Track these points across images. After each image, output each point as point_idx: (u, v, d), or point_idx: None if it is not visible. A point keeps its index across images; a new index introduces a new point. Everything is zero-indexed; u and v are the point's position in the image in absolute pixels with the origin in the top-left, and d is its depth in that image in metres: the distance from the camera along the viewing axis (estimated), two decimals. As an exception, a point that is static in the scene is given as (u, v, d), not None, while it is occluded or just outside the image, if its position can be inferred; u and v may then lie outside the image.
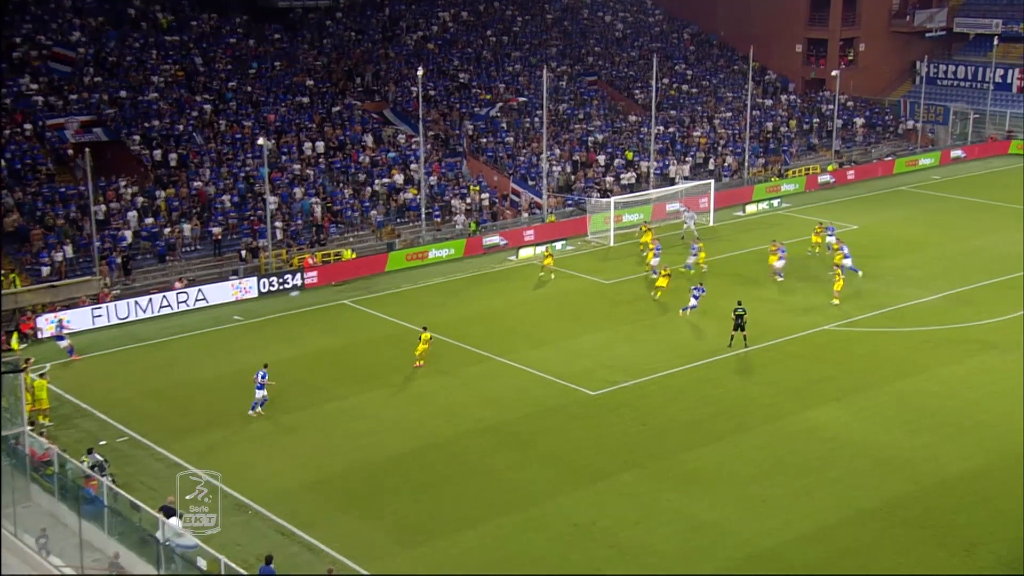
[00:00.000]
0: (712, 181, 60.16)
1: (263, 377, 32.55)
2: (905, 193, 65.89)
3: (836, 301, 42.64)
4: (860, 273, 45.97)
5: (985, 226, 55.43)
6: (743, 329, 37.54)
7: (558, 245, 52.15)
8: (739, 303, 38.31)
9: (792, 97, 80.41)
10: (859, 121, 78.02)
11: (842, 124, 76.95)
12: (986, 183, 68.10)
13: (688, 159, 66.94)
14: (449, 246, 51.80)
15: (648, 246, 48.41)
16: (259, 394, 32.52)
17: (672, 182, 63.67)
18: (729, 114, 75.43)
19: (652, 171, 62.29)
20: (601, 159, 64.18)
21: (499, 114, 58.76)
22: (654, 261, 46.99)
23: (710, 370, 36.25)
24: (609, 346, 38.84)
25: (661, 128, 69.77)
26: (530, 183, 59.66)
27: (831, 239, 50.05)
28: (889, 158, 73.18)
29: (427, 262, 50.26)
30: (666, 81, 77.39)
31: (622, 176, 62.79)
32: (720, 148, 69.62)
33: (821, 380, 35.26)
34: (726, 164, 67.76)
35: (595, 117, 70.32)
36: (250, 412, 32.50)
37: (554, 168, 61.36)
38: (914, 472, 28.84)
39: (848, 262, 45.38)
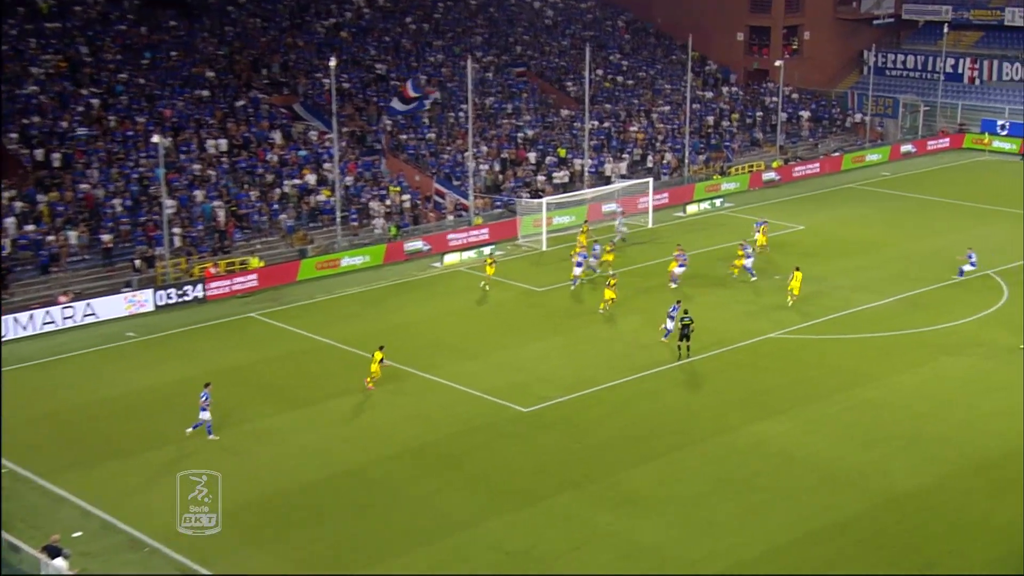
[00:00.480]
0: (651, 180, 60.88)
1: (205, 399, 32.18)
2: (854, 191, 67.47)
3: (792, 301, 43.80)
4: (754, 278, 47.09)
5: (939, 226, 57.03)
6: (688, 339, 38.16)
7: (487, 250, 52.21)
8: (686, 312, 38.96)
9: (734, 89, 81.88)
10: (805, 114, 79.73)
11: (787, 118, 78.53)
12: (938, 179, 70.08)
13: (625, 156, 67.65)
14: (366, 252, 51.62)
15: (573, 254, 48.41)
16: (203, 416, 32.12)
17: (608, 181, 64.23)
18: (668, 107, 76.46)
19: (586, 169, 62.80)
20: (532, 157, 64.51)
21: (403, 104, 58.47)
22: (576, 270, 47.30)
23: (652, 382, 36.59)
24: (543, 358, 38.97)
25: (596, 123, 70.40)
26: (455, 183, 59.69)
27: (750, 242, 50.79)
28: (837, 153, 74.90)
29: (341, 270, 49.98)
30: (600, 72, 78.19)
31: (554, 175, 63.19)
32: (658, 144, 70.48)
33: (768, 391, 35.85)
34: (665, 161, 68.63)
35: (524, 111, 70.67)
36: (209, 436, 32.19)
37: (481, 167, 61.47)
38: (867, 488, 29.40)
39: (749, 263, 47.02)
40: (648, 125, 73.11)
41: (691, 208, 62.53)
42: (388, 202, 56.24)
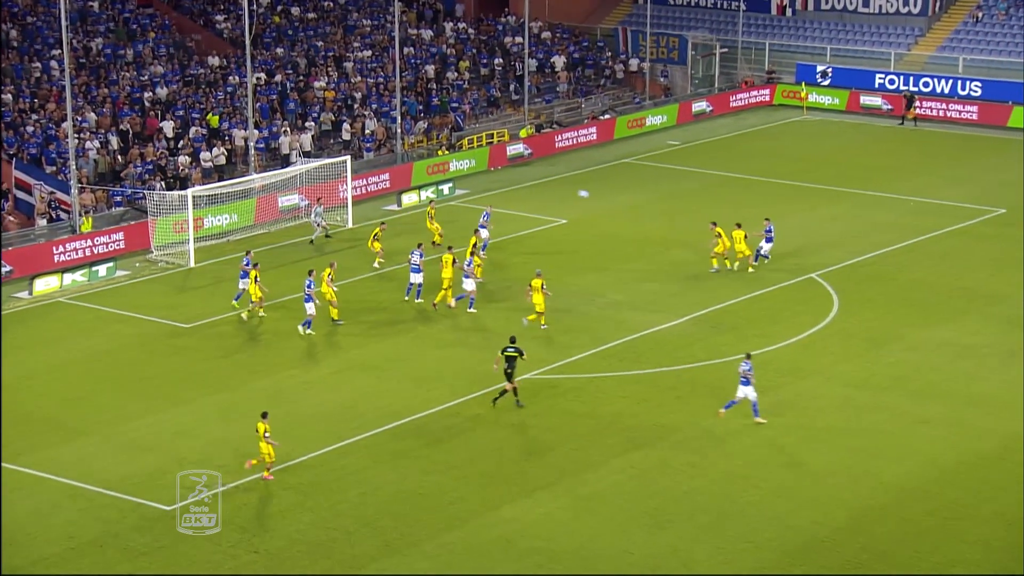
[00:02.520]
0: (348, 158, 61.15)
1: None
2: (631, 168, 70.04)
3: (528, 322, 44.74)
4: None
5: (745, 213, 59.88)
6: (510, 377, 39.63)
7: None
8: (512, 339, 40.27)
9: (461, 26, 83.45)
10: (559, 61, 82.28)
11: (537, 66, 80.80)
12: (743, 149, 73.90)
13: (309, 125, 67.52)
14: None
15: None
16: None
17: (286, 161, 63.86)
18: (368, 53, 77.03)
19: (252, 145, 62.30)
20: (167, 128, 63.42)
21: None
22: (415, 277, 48.42)
23: (358, 457, 36.59)
24: (192, 428, 38.66)
25: (263, 77, 69.88)
26: (49, 170, 58.04)
27: (482, 233, 52.73)
28: (606, 116, 77.68)
29: None
30: (265, 2, 77.77)
31: (203, 155, 62.31)
32: (357, 107, 70.78)
33: (520, 457, 36.57)
34: (368, 132, 68.96)
35: (153, 60, 69.37)
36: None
37: (88, 144, 59.86)
38: (662, 587, 30.50)
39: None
40: (341, 80, 73.23)
41: (408, 198, 63.02)
42: (-55, 202, 54.32)
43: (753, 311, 48.07)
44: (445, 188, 63.97)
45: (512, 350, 39.83)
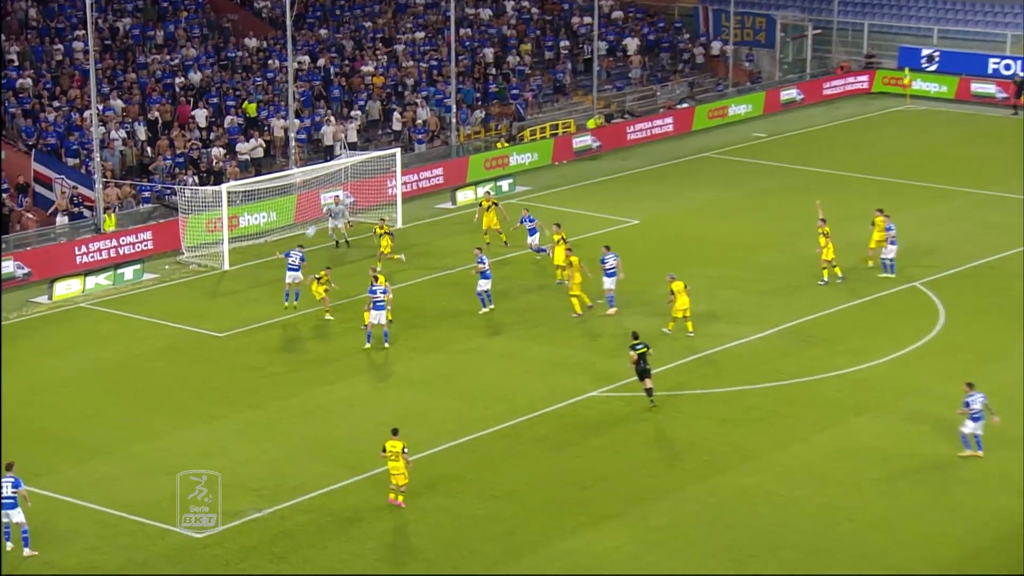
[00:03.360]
0: (398, 151, 61.26)
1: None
2: (712, 163, 69.72)
3: (669, 329, 45.78)
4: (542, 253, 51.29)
5: (842, 213, 59.53)
6: (648, 374, 41.01)
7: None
8: (635, 335, 41.45)
9: (524, 5, 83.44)
10: (632, 43, 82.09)
11: (607, 49, 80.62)
12: (837, 142, 73.37)
13: (355, 114, 67.68)
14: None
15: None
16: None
17: (329, 154, 64.04)
18: (421, 34, 77.13)
19: (293, 136, 62.53)
20: (200, 117, 63.79)
21: None
22: (483, 284, 48.31)
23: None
24: (221, 447, 38.81)
25: (305, 61, 70.16)
26: (70, 163, 58.45)
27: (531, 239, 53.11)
28: (684, 105, 77.42)
29: None
30: (310, -21, 78.15)
31: (240, 147, 62.64)
32: (408, 94, 70.90)
33: (584, 484, 36.49)
34: (420, 122, 69.05)
35: (185, 42, 69.80)
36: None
37: (114, 134, 60.30)
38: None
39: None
40: (391, 64, 73.38)
41: (464, 195, 63.08)
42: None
43: (848, 323, 47.73)
44: (504, 184, 63.90)
45: (642, 346, 40.90)
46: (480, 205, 55.94)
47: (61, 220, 56.22)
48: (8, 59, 63.62)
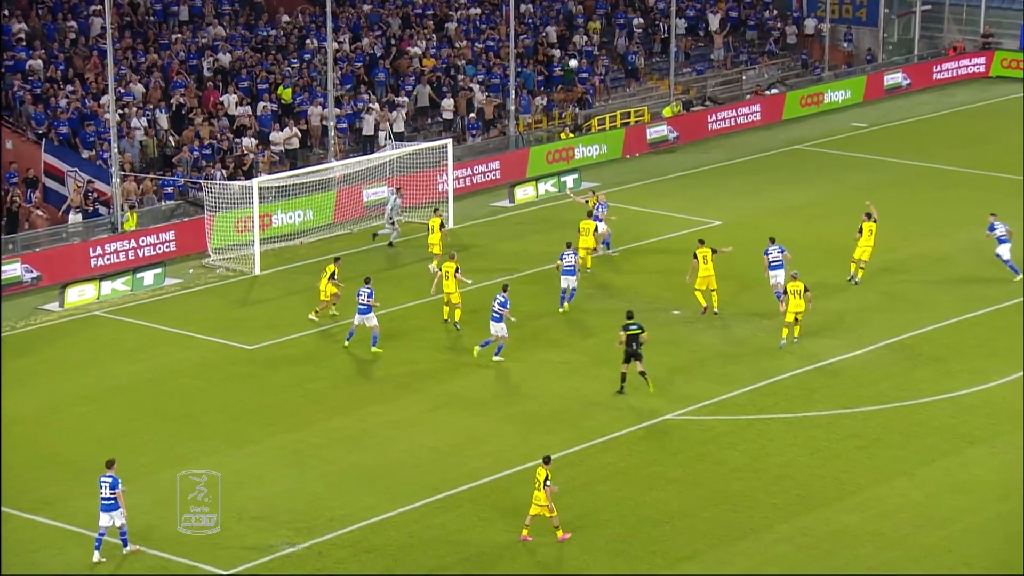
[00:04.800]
0: (449, 142, 61.42)
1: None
2: (804, 156, 69.48)
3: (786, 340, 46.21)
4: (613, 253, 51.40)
5: (955, 215, 59.30)
6: (639, 357, 42.49)
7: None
8: (629, 315, 43.21)
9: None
10: (715, 21, 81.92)
11: (686, 28, 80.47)
12: (951, 134, 72.92)
13: (401, 100, 67.81)
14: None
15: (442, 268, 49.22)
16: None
17: (373, 145, 64.18)
18: (476, 11, 77.19)
19: (332, 125, 62.76)
20: (230, 103, 64.14)
21: None
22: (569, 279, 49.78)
23: (459, 514, 36.77)
24: (257, 475, 39.01)
25: (346, 41, 70.31)
26: (85, 154, 58.79)
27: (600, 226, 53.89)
28: (774, 91, 77.20)
29: None
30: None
31: (273, 137, 62.96)
32: (461, 78, 70.97)
33: (657, 520, 36.41)
34: (475, 111, 69.07)
35: (213, 19, 70.10)
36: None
37: (132, 123, 60.73)
38: None
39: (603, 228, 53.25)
40: (442, 44, 73.50)
41: (523, 192, 63.18)
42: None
43: (963, 339, 47.45)
44: (569, 180, 63.86)
45: (635, 327, 42.35)
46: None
47: (74, 218, 56.53)
48: (16, 38, 64.03)
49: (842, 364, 45.67)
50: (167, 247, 55.56)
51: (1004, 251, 51.63)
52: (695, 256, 48.68)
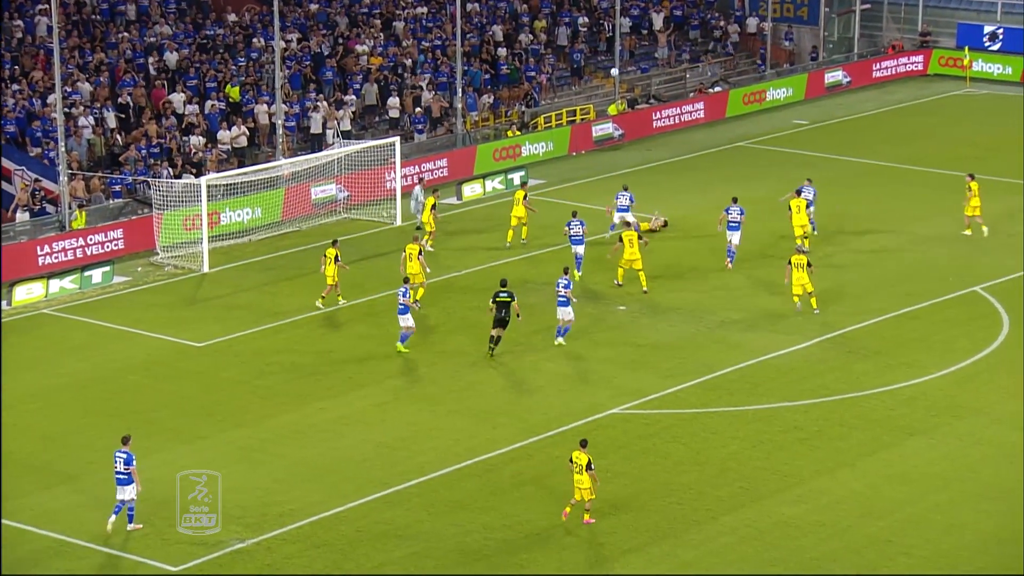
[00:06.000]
0: (397, 140, 61.39)
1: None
2: (747, 153, 69.75)
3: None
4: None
5: (894, 211, 59.62)
6: (504, 324, 45.34)
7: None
8: (503, 283, 46.01)
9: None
10: (658, 19, 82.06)
11: (630, 26, 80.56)
12: (891, 131, 73.24)
13: (349, 99, 67.72)
14: None
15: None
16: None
17: (320, 143, 64.08)
18: (423, 10, 77.07)
19: (280, 123, 62.59)
20: (177, 102, 63.96)
21: None
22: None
23: (408, 509, 36.83)
24: (210, 468, 38.45)
25: (294, 40, 70.17)
26: (32, 153, 58.69)
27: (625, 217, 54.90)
28: (717, 89, 77.39)
29: None
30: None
31: (221, 135, 62.85)
32: (408, 77, 70.89)
33: (603, 513, 36.40)
34: (422, 109, 69.03)
35: (160, 17, 69.81)
36: None
37: (80, 121, 60.54)
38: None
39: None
40: (389, 43, 73.41)
41: (471, 189, 63.33)
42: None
43: (901, 333, 47.83)
44: (516, 177, 63.91)
45: (505, 295, 45.03)
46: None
47: (21, 216, 56.21)
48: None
49: (784, 358, 45.89)
50: (115, 245, 55.34)
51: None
52: (620, 239, 50.02)
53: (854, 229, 57.42)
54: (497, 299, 45.00)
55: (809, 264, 47.89)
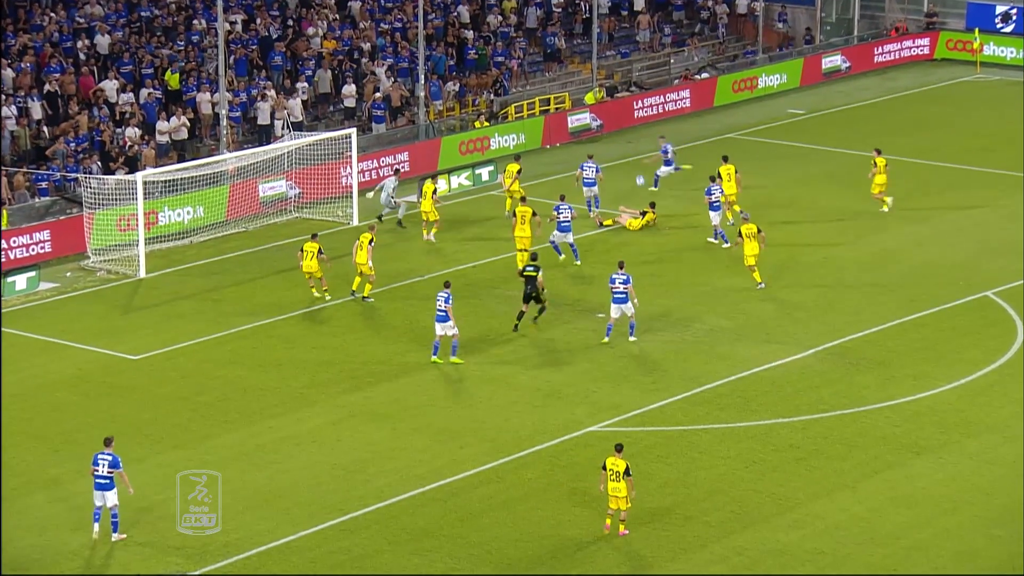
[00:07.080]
0: (353, 131, 61.47)
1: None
2: (737, 145, 69.81)
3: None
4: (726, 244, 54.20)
5: (898, 208, 59.67)
6: (539, 298, 47.85)
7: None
8: (533, 256, 48.45)
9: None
10: (640, 1, 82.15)
11: (609, 7, 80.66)
12: (894, 121, 73.45)
13: (300, 86, 67.69)
14: None
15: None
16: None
17: (269, 136, 64.06)
18: (380, -8, 77.15)
19: (224, 114, 62.56)
20: (110, 90, 63.86)
21: None
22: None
23: (366, 536, 36.82)
24: (136, 496, 38.45)
25: (239, 22, 70.08)
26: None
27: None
28: (705, 75, 77.47)
29: None
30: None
31: (159, 127, 62.78)
32: (365, 63, 70.88)
33: (581, 542, 36.36)
34: (380, 97, 69.04)
35: (91, -2, 69.93)
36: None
37: (3, 111, 60.50)
38: None
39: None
40: (344, 26, 73.38)
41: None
42: None
43: (906, 342, 47.93)
44: (484, 172, 63.97)
45: (531, 268, 47.41)
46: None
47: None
48: None
49: (779, 370, 45.94)
50: (42, 248, 55.29)
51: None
52: (740, 235, 51.11)
53: (853, 228, 57.52)
54: (524, 273, 47.29)
55: (759, 230, 50.02)
